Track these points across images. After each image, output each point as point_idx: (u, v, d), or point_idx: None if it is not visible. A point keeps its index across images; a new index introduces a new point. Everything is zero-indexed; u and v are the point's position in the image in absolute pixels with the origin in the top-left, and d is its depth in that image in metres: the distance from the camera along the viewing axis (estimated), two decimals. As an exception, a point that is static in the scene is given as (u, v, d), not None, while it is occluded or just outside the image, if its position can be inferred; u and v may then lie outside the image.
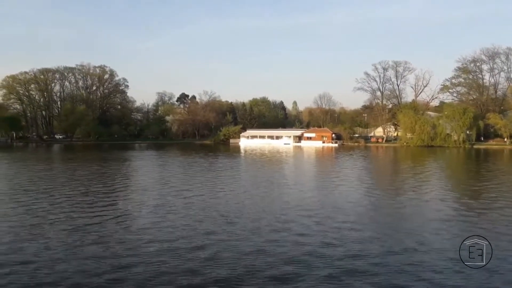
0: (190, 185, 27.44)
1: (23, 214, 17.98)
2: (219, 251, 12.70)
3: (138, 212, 18.72)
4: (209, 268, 11.24)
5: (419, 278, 10.60)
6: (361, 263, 11.67)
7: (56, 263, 11.67)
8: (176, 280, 10.47)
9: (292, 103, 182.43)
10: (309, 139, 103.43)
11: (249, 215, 17.97)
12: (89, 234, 14.60)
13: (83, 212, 18.33)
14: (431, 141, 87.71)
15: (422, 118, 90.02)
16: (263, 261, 11.81)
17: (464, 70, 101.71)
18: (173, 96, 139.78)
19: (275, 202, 21.36)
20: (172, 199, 21.77)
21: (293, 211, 18.83)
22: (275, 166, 44.83)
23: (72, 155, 63.45)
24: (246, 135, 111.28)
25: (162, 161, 51.67)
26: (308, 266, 11.44)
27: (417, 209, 19.81)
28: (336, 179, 31.47)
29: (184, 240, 13.91)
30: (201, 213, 18.33)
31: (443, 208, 19.68)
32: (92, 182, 28.96)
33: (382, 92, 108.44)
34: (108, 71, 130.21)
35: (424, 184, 28.68)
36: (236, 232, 15.03)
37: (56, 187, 26.28)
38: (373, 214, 18.61)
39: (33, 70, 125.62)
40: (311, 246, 13.29)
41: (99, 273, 10.87)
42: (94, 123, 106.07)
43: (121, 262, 11.75)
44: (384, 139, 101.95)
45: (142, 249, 12.93)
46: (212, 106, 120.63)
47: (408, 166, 45.21)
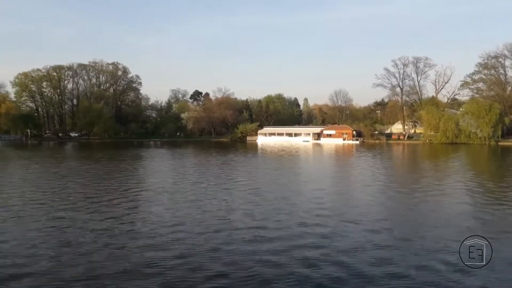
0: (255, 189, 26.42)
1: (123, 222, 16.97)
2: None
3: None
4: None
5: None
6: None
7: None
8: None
9: (303, 99, 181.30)
10: (328, 136, 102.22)
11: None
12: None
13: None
14: (455, 138, 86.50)
15: (446, 114, 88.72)
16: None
17: (485, 66, 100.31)
18: (187, 93, 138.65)
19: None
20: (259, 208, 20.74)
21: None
22: (313, 168, 43.73)
23: (100, 153, 62.27)
24: (264, 132, 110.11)
25: (198, 160, 50.56)
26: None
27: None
28: (383, 183, 30.38)
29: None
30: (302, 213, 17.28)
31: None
32: (153, 180, 27.94)
33: (402, 88, 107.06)
34: (121, 68, 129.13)
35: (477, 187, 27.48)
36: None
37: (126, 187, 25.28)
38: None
39: (46, 67, 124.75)
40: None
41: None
42: (112, 121, 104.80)
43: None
44: (405, 136, 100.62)
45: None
46: (228, 103, 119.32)
47: (446, 165, 44.08)
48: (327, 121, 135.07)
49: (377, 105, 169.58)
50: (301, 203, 21.00)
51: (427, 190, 24.87)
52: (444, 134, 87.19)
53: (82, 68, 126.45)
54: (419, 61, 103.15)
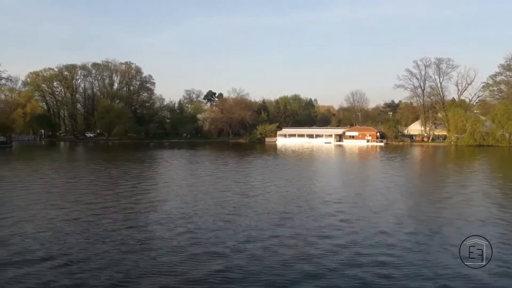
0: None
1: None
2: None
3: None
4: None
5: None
6: None
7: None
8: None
9: (313, 100, 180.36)
10: (351, 137, 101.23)
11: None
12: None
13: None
14: (483, 140, 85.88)
15: (474, 116, 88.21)
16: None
17: (507, 68, 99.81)
18: (201, 93, 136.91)
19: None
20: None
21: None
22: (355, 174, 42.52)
23: (134, 154, 60.51)
24: (283, 133, 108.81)
25: (246, 164, 49.09)
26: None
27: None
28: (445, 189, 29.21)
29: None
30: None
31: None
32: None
33: (424, 89, 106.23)
34: (134, 67, 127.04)
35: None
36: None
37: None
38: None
39: (59, 66, 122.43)
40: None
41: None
42: (132, 122, 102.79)
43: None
44: (429, 138, 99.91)
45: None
46: (245, 103, 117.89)
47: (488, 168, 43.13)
48: (342, 122, 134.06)
49: (387, 106, 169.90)
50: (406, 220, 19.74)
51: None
52: (471, 136, 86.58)
53: (96, 68, 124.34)
54: (441, 62, 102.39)
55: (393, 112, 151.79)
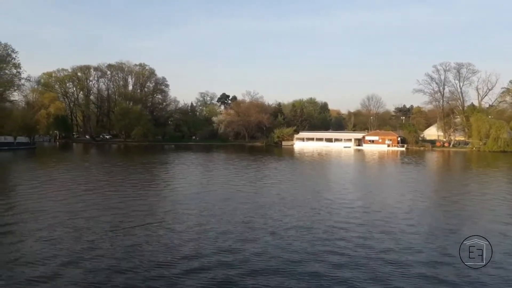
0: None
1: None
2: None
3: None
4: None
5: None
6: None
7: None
8: None
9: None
10: (371, 142, 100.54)
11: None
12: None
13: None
14: (507, 146, 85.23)
15: (498, 122, 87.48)
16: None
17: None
18: (215, 96, 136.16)
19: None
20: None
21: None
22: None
23: (167, 157, 59.61)
24: (301, 137, 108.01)
25: (281, 168, 48.21)
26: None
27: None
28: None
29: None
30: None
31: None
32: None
33: (443, 94, 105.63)
34: (148, 69, 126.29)
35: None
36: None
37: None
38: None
39: (73, 67, 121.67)
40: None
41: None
42: (151, 124, 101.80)
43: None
44: (451, 143, 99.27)
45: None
46: (261, 107, 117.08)
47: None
48: (357, 126, 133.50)
49: (399, 110, 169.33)
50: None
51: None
52: (495, 142, 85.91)
53: (110, 69, 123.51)
54: (461, 67, 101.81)
55: (404, 116, 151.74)
